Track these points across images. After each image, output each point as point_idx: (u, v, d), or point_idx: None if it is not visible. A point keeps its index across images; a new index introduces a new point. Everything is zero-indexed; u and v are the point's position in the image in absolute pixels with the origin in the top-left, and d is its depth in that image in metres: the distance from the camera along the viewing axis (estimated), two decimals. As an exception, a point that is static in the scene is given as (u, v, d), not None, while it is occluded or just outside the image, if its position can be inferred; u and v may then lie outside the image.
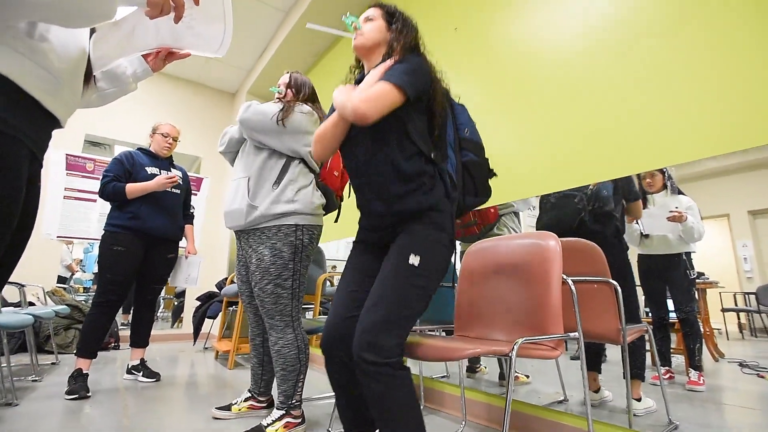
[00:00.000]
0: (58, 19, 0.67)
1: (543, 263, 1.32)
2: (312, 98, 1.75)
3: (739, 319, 1.31)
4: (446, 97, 1.21)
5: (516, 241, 1.45)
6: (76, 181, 3.79)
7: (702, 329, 1.40)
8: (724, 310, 1.38)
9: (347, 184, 1.82)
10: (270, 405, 1.76)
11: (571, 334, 1.22)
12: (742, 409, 1.40)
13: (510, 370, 1.10)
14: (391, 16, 1.22)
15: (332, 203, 1.77)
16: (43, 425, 1.55)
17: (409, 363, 2.14)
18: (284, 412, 1.48)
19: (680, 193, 1.44)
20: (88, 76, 0.87)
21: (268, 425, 1.45)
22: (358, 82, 1.22)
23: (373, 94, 0.99)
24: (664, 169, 1.43)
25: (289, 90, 1.71)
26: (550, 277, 1.27)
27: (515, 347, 1.06)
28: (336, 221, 1.82)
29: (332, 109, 1.17)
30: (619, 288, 1.42)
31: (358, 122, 1.01)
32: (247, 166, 1.64)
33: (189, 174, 4.54)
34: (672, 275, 1.45)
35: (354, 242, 1.26)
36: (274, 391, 1.68)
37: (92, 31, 0.83)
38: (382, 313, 0.97)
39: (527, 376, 1.96)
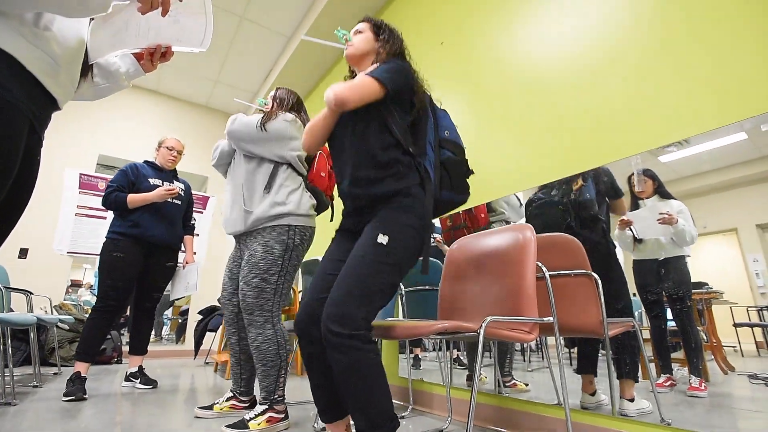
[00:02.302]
0: (56, 8, 0.76)
1: (519, 252, 1.35)
2: (297, 108, 1.85)
3: (755, 337, 1.28)
4: (428, 99, 1.30)
5: (496, 234, 1.48)
6: (88, 199, 3.95)
7: (708, 339, 1.38)
8: (736, 325, 1.35)
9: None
10: (252, 405, 1.75)
11: (545, 319, 1.24)
12: (745, 412, 1.36)
13: (479, 349, 1.12)
14: (378, 28, 1.34)
15: (323, 203, 1.84)
16: (36, 422, 1.59)
17: (401, 366, 2.16)
18: (267, 406, 1.49)
19: (671, 198, 1.46)
20: (86, 69, 0.97)
21: (251, 419, 1.45)
22: None
23: (355, 84, 1.10)
24: (655, 175, 1.46)
25: (274, 102, 1.84)
26: (525, 264, 1.30)
27: (483, 324, 1.08)
28: (331, 220, 1.88)
29: None
30: (599, 280, 1.43)
31: (338, 107, 1.10)
32: (239, 175, 1.73)
33: (197, 192, 4.72)
34: (668, 279, 1.44)
35: (336, 231, 1.31)
36: (256, 391, 1.69)
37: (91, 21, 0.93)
38: (349, 287, 1.00)
39: (526, 384, 1.95)
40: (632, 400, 1.45)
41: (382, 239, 1.06)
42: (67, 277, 3.87)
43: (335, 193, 1.85)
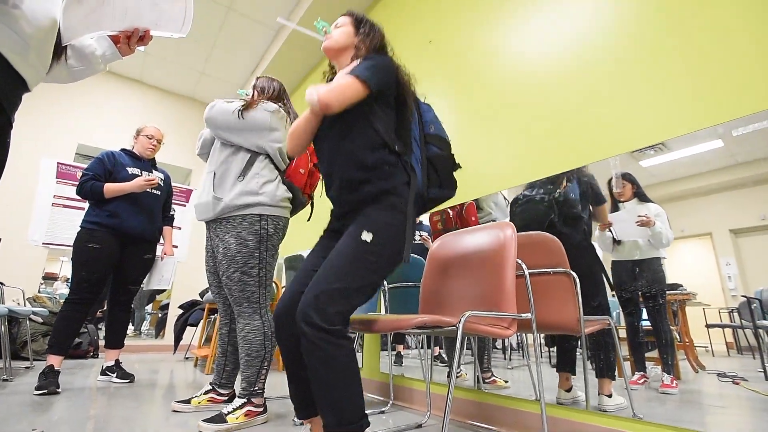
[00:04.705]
0: None
1: (499, 249, 1.36)
2: (280, 96, 1.82)
3: (725, 338, 1.31)
4: (413, 95, 1.27)
5: (478, 232, 1.50)
6: (66, 190, 3.84)
7: (681, 339, 1.41)
8: (708, 326, 1.39)
9: (319, 182, 1.87)
10: (231, 399, 1.74)
11: (523, 315, 1.25)
12: (712, 408, 1.40)
13: (458, 343, 1.13)
14: (359, 22, 1.30)
15: (298, 200, 1.80)
16: (6, 415, 1.54)
17: (383, 362, 2.16)
18: (246, 400, 1.48)
19: (649, 201, 1.49)
20: (59, 50, 0.94)
21: (229, 413, 1.44)
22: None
23: (336, 86, 1.05)
24: (634, 179, 1.49)
25: (255, 91, 1.81)
26: (505, 261, 1.32)
27: (462, 319, 1.09)
28: (309, 220, 1.87)
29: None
30: (577, 278, 1.46)
31: (323, 111, 1.07)
32: (214, 161, 1.71)
33: (180, 185, 4.63)
34: (643, 278, 1.47)
35: (323, 231, 1.29)
36: (237, 386, 1.67)
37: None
38: (328, 282, 0.99)
39: (506, 381, 1.97)
40: (610, 396, 1.48)
41: (367, 236, 1.05)
42: (42, 269, 3.75)
43: (316, 192, 1.84)
